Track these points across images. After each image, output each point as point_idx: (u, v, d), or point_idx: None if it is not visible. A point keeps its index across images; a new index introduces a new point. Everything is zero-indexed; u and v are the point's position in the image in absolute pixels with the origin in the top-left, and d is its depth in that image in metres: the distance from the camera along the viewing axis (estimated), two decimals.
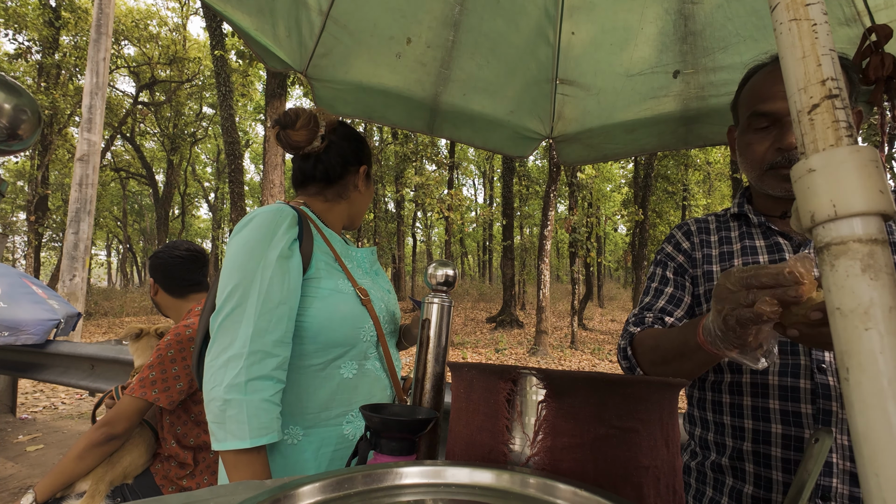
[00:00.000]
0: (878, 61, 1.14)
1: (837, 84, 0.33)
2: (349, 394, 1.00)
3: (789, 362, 0.84)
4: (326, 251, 1.04)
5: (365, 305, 1.02)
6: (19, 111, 2.16)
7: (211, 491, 0.44)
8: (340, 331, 0.98)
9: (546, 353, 9.61)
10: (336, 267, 1.03)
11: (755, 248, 0.93)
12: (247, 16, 1.28)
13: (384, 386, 1.07)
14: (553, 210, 9.93)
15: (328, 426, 0.98)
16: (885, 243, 0.31)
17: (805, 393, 0.81)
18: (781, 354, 0.85)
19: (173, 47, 18.97)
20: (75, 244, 6.12)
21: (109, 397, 1.65)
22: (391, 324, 1.13)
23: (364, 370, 1.02)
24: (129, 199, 27.72)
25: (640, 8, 1.49)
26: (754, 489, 0.84)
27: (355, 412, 1.01)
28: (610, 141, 1.78)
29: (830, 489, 0.78)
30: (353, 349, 1.00)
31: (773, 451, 0.83)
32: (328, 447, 0.97)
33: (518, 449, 0.51)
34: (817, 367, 0.81)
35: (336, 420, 0.99)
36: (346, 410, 1.00)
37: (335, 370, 0.99)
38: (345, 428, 0.99)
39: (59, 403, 5.01)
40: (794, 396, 0.82)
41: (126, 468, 1.50)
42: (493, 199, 28.90)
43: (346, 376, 0.99)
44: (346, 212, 1.18)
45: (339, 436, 0.99)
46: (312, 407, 0.97)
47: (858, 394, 0.30)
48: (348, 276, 1.04)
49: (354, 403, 1.01)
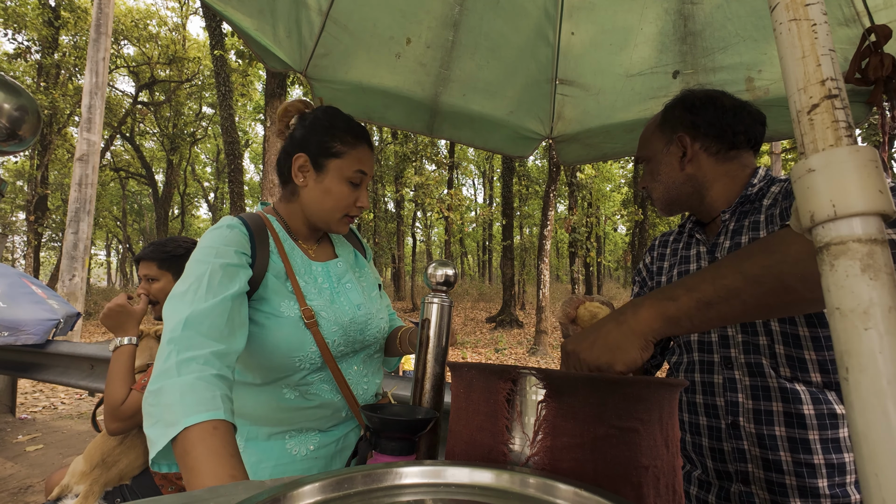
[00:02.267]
0: (877, 61, 1.14)
1: (837, 84, 0.33)
2: (290, 413, 0.94)
3: (705, 360, 0.95)
4: (279, 269, 0.95)
5: (309, 328, 0.92)
6: (19, 111, 2.16)
7: (210, 491, 0.44)
8: (272, 359, 0.91)
9: (546, 353, 9.61)
10: (286, 286, 0.94)
11: (688, 257, 1.06)
12: (247, 16, 1.28)
13: (335, 409, 0.98)
14: (553, 210, 9.94)
15: (269, 440, 0.93)
16: (884, 243, 0.31)
17: (718, 387, 0.92)
18: (700, 353, 0.96)
19: (173, 47, 18.96)
20: (75, 244, 6.11)
21: None
22: (353, 343, 1.01)
23: (308, 395, 0.95)
24: (128, 198, 27.71)
25: (639, 8, 1.49)
26: (701, 473, 0.96)
27: (298, 430, 0.95)
28: (610, 141, 1.78)
29: (748, 474, 0.87)
30: (288, 377, 0.93)
31: (703, 441, 0.94)
32: (268, 462, 0.92)
33: (518, 449, 0.51)
34: (725, 362, 0.92)
35: (278, 435, 0.94)
36: (290, 428, 0.95)
37: (277, 390, 0.93)
38: (287, 442, 0.94)
39: (59, 403, 5.01)
40: (711, 391, 0.93)
41: (122, 471, 1.50)
42: (492, 199, 28.91)
43: (289, 397, 0.93)
44: (302, 212, 1.03)
45: (282, 450, 0.93)
46: (250, 419, 0.93)
47: (858, 394, 0.30)
48: (297, 295, 0.94)
49: (297, 423, 0.95)
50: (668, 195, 1.04)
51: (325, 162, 0.98)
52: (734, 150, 0.98)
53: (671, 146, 1.01)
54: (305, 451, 0.95)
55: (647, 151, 1.07)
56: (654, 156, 1.05)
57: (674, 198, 1.04)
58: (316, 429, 0.98)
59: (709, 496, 0.93)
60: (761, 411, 0.86)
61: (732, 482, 0.89)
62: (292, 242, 1.02)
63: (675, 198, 1.04)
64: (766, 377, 0.86)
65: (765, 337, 0.87)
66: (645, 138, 1.08)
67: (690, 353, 0.98)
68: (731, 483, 0.89)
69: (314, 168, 0.99)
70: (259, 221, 0.98)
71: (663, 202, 1.06)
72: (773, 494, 0.83)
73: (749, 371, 0.88)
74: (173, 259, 1.63)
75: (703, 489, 0.94)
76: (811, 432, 0.81)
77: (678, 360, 1.03)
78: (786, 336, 0.85)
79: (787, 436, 0.83)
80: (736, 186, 0.98)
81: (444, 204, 16.15)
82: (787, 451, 0.82)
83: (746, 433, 0.87)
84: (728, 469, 0.89)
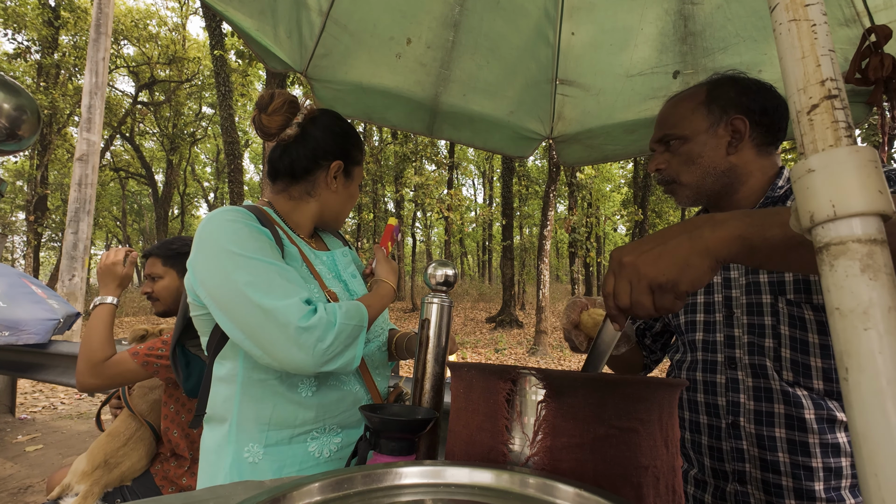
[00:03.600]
0: (877, 62, 1.14)
1: (837, 84, 0.33)
2: (311, 412, 0.91)
3: (709, 359, 0.94)
4: (293, 253, 0.95)
5: None
6: (18, 111, 2.16)
7: (210, 491, 0.44)
8: None
9: (546, 353, 9.61)
10: (302, 270, 0.94)
11: None
12: (247, 16, 1.28)
13: (356, 399, 0.97)
14: (553, 210, 9.94)
15: (291, 444, 0.90)
16: (884, 243, 0.31)
17: (721, 387, 0.91)
18: (704, 352, 0.95)
19: (173, 47, 18.96)
20: (74, 244, 6.11)
21: (115, 397, 1.65)
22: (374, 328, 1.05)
23: (328, 385, 0.94)
24: (128, 198, 27.70)
25: (640, 9, 1.49)
26: (697, 472, 0.95)
27: (321, 429, 0.93)
28: (610, 141, 1.78)
29: (745, 474, 0.87)
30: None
31: (703, 439, 0.93)
32: (292, 467, 0.89)
33: (517, 449, 0.51)
34: (729, 363, 0.91)
35: (300, 438, 0.91)
36: (312, 428, 0.92)
37: (293, 386, 0.91)
38: (310, 445, 0.91)
39: (59, 403, 5.01)
40: (713, 390, 0.92)
41: (124, 472, 1.50)
42: (492, 199, 28.90)
43: (305, 394, 0.91)
44: (317, 212, 1.05)
45: (304, 454, 0.91)
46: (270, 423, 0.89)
47: (857, 394, 0.30)
48: (317, 279, 0.95)
49: (319, 421, 0.92)
50: (703, 184, 0.92)
51: (352, 169, 1.06)
52: (773, 146, 0.92)
53: (719, 128, 0.90)
54: (329, 453, 0.93)
55: (681, 130, 0.93)
56: (694, 136, 0.92)
57: (708, 187, 0.93)
58: (338, 426, 0.95)
59: (705, 495, 0.93)
60: (762, 412, 0.85)
61: (729, 482, 0.89)
62: (293, 234, 1.02)
63: (709, 188, 0.93)
64: (769, 379, 0.85)
65: (772, 340, 0.86)
66: (680, 115, 0.94)
67: (694, 351, 0.98)
68: (727, 482, 0.89)
69: (344, 175, 1.05)
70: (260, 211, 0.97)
71: (693, 191, 0.94)
72: (768, 495, 0.83)
73: (752, 372, 0.87)
74: (178, 257, 1.62)
75: (700, 488, 0.94)
76: (811, 436, 0.81)
77: (681, 359, 1.02)
78: (794, 341, 0.84)
79: (787, 438, 0.82)
80: (764, 185, 0.91)
81: (443, 204, 16.15)
82: (786, 453, 0.82)
83: (746, 433, 0.87)
84: (725, 468, 0.89)
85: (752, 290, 0.90)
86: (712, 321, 0.95)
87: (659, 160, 0.98)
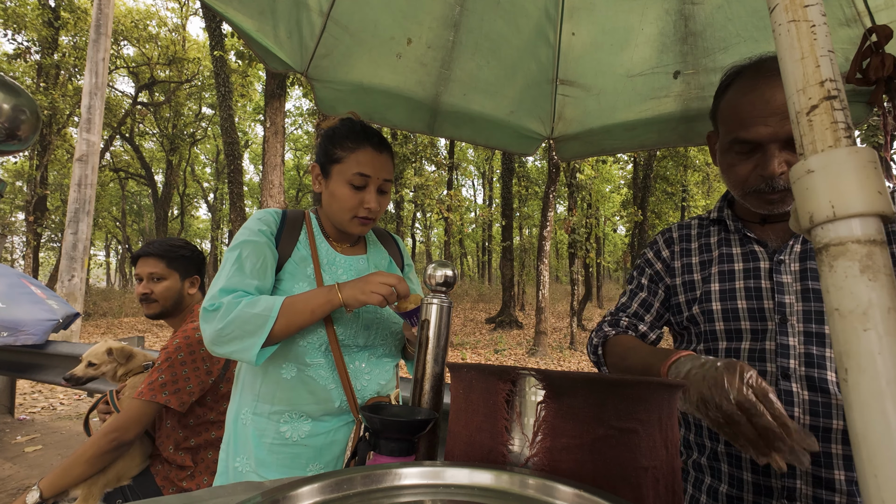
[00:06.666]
0: (878, 62, 1.14)
1: (836, 85, 0.33)
2: (287, 393, 1.01)
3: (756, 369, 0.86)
4: (302, 256, 1.08)
5: None
6: (18, 111, 2.16)
7: (210, 492, 0.44)
8: None
9: (545, 354, 9.61)
10: (305, 271, 1.06)
11: (732, 255, 0.96)
12: (248, 17, 1.28)
13: (328, 398, 1.02)
14: (552, 211, 9.93)
15: (268, 419, 1.01)
16: (883, 244, 0.31)
17: None
18: (751, 362, 0.88)
19: (172, 48, 18.95)
20: (74, 244, 6.11)
21: (104, 402, 1.62)
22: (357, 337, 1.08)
23: (303, 375, 1.02)
24: (128, 199, 27.68)
25: (640, 8, 1.49)
26: (728, 488, 0.89)
27: (294, 413, 1.02)
28: (610, 138, 1.78)
29: (795, 490, 0.82)
30: (290, 351, 1.02)
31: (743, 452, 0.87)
32: (266, 438, 1.01)
33: (517, 450, 0.51)
34: (782, 373, 0.85)
35: (274, 416, 1.01)
36: (285, 410, 1.02)
37: (276, 367, 1.02)
38: (281, 426, 1.01)
39: (58, 404, 5.01)
40: None
41: (119, 472, 1.50)
42: (492, 200, 28.88)
43: (286, 376, 1.02)
44: (325, 215, 1.16)
45: (276, 432, 1.01)
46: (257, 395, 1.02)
47: (857, 394, 0.30)
48: (317, 279, 1.06)
49: (292, 405, 1.02)
50: None
51: (330, 168, 1.08)
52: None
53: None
54: (297, 437, 1.01)
55: None
56: None
57: None
58: (308, 416, 1.03)
59: None
60: (819, 428, 0.81)
61: (774, 498, 0.84)
62: (323, 238, 1.14)
63: None
64: (828, 393, 0.80)
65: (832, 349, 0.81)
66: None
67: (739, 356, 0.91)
68: (771, 499, 0.84)
69: (323, 175, 1.10)
70: (299, 215, 1.14)
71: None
72: None
73: (809, 385, 0.82)
74: (182, 260, 1.59)
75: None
76: None
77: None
78: None
79: (844, 454, 0.79)
80: None
81: (443, 205, 16.15)
82: (842, 470, 0.78)
83: None
84: (771, 484, 0.84)
85: (809, 298, 0.85)
86: (761, 329, 0.89)
87: (783, 158, 0.82)
